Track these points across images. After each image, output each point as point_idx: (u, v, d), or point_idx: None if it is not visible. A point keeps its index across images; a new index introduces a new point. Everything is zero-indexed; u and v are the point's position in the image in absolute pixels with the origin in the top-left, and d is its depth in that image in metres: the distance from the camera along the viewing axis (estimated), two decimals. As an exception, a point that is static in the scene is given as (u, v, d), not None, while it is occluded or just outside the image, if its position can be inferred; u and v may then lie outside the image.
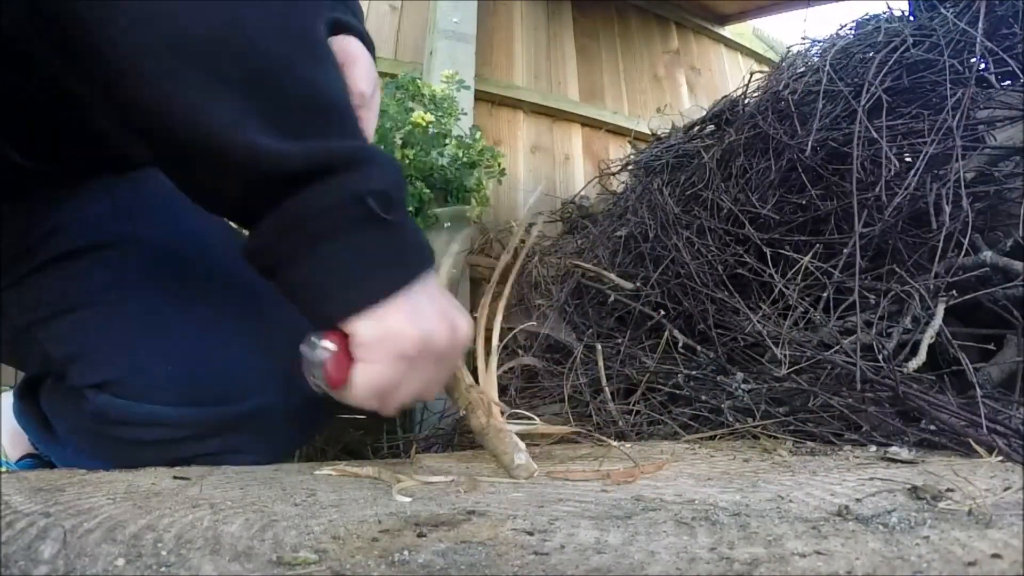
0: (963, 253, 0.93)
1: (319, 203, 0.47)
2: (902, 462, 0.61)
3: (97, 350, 0.66)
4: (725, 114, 1.62)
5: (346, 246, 0.48)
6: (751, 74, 1.62)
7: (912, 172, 0.99)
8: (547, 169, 2.20)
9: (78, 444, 0.73)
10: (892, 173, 0.99)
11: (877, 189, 0.99)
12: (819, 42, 1.47)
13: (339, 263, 0.48)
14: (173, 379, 0.65)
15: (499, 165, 1.55)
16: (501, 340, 0.65)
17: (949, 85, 1.03)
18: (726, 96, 1.69)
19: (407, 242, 0.51)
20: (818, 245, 1.07)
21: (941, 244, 0.92)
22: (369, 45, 0.71)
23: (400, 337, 0.49)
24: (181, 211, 0.76)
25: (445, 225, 1.35)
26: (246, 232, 0.51)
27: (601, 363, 1.07)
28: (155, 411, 0.64)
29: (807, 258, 1.04)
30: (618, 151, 2.29)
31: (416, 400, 0.55)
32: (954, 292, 0.90)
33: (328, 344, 0.50)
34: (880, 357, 0.82)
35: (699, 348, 1.04)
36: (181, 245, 0.73)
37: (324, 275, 0.48)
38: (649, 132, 2.08)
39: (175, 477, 0.56)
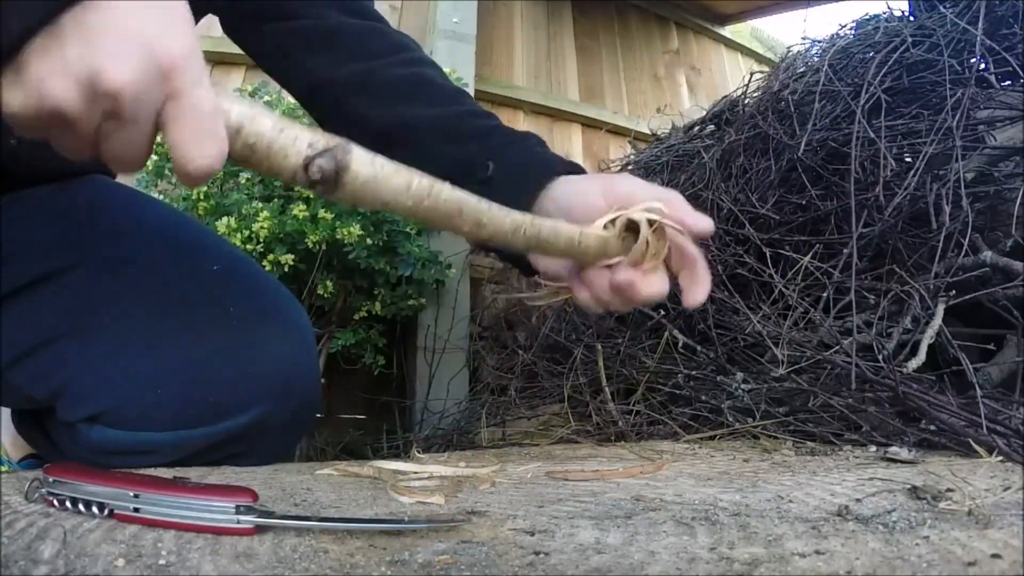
0: (963, 253, 0.93)
1: None
2: (902, 462, 0.61)
3: (82, 382, 0.62)
4: (725, 114, 1.62)
5: None
6: (751, 74, 1.62)
7: (912, 172, 0.99)
8: (547, 169, 2.20)
9: None
10: (890, 173, 0.99)
11: (876, 190, 0.99)
12: (819, 42, 1.47)
13: None
14: (166, 403, 0.62)
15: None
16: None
17: (949, 85, 1.03)
18: (726, 96, 1.69)
19: None
20: (818, 245, 1.07)
21: (941, 244, 0.92)
22: None
23: None
24: (141, 213, 0.72)
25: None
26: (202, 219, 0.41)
27: (601, 363, 1.07)
28: (153, 439, 0.61)
29: (807, 258, 1.03)
30: (618, 151, 2.28)
31: None
32: (954, 292, 0.90)
33: None
34: (880, 357, 0.82)
35: (699, 348, 1.04)
36: (150, 254, 0.68)
37: None
38: (649, 132, 2.08)
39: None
